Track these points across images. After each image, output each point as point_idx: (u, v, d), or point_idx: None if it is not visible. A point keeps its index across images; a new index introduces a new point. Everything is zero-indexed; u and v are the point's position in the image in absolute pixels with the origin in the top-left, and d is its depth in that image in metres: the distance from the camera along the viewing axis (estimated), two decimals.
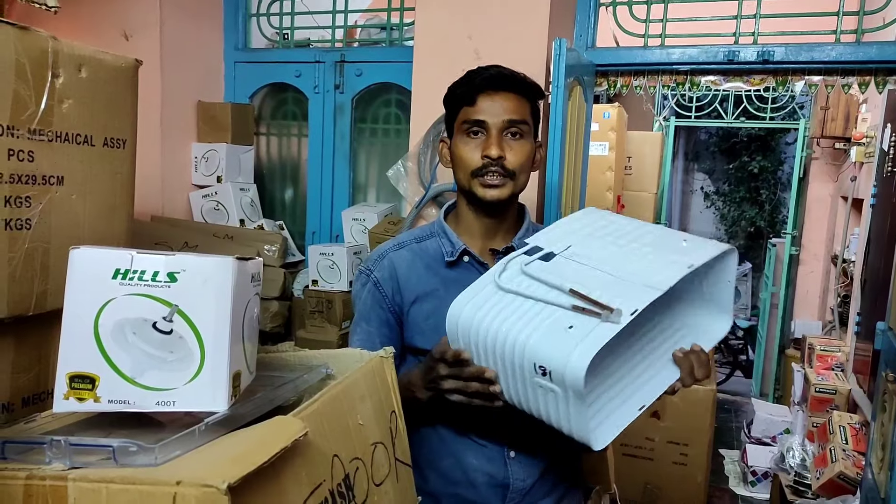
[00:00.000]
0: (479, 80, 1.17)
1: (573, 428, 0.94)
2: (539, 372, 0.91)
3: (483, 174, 1.17)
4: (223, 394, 0.71)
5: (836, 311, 4.34)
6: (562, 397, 0.91)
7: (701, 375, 1.04)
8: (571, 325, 0.91)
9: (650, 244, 1.05)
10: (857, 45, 2.22)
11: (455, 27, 2.31)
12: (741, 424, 4.52)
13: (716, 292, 1.11)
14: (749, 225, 9.26)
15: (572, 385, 0.88)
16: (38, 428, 0.73)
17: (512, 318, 0.97)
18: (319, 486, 0.72)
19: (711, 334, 1.11)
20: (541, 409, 0.97)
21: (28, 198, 0.78)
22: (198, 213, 2.91)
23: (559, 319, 0.93)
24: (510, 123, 1.17)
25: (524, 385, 0.96)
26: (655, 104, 5.77)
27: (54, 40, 0.80)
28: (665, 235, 1.09)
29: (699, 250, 1.03)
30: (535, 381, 0.93)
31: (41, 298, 0.81)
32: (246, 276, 0.76)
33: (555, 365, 0.89)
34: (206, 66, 2.97)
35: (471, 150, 1.18)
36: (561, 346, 0.89)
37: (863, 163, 3.93)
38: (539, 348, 0.91)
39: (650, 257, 1.01)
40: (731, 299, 1.11)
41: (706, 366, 1.05)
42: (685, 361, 1.04)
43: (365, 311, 1.25)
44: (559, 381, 0.89)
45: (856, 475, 2.74)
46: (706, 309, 1.12)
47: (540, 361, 0.91)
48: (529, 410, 1.00)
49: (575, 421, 0.93)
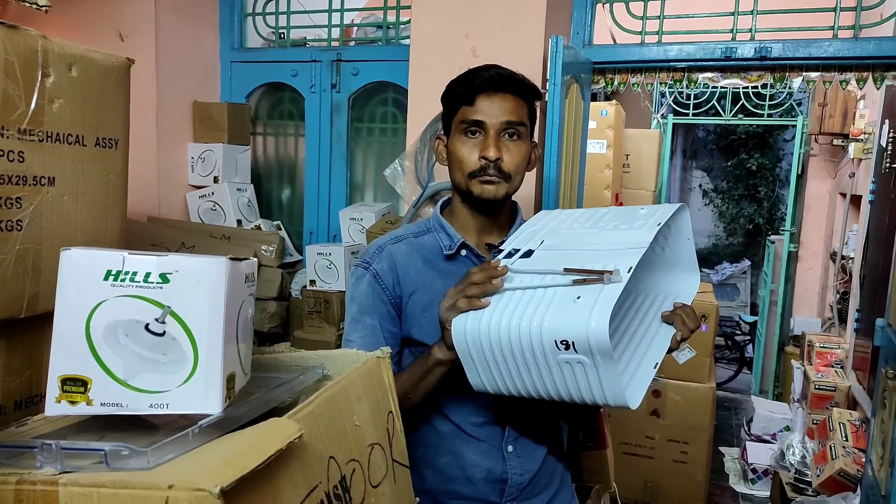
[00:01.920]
0: (479, 81, 1.18)
1: (607, 394, 0.96)
2: (562, 347, 0.93)
3: (480, 175, 1.19)
4: (217, 396, 0.70)
5: (836, 308, 4.34)
6: (590, 366, 0.93)
7: (693, 325, 1.10)
8: (579, 295, 0.95)
9: (613, 219, 1.13)
10: (855, 40, 2.21)
11: (451, 25, 2.30)
12: (741, 422, 4.52)
13: (679, 253, 1.20)
14: (747, 222, 9.27)
15: (598, 347, 0.90)
16: (29, 432, 0.72)
17: (519, 309, 0.99)
18: (315, 489, 0.71)
19: (686, 292, 1.20)
20: (570, 388, 0.98)
21: (19, 199, 0.77)
22: (194, 213, 2.90)
23: (565, 295, 0.96)
24: (508, 125, 1.18)
25: (549, 369, 0.97)
26: (653, 102, 5.76)
27: (44, 39, 0.79)
28: (622, 210, 1.17)
29: (658, 212, 1.11)
30: (561, 358, 0.95)
31: (33, 300, 0.80)
32: (239, 277, 0.75)
33: (577, 335, 0.91)
34: (201, 65, 2.96)
35: (468, 149, 1.19)
36: (577, 316, 0.92)
37: (861, 159, 3.93)
38: (556, 325, 0.94)
39: (620, 228, 1.09)
40: (693, 256, 1.20)
41: (694, 316, 1.11)
42: (675, 317, 1.11)
43: (367, 305, 1.23)
44: (584, 349, 0.92)
45: (856, 472, 2.74)
46: (674, 272, 1.21)
47: (561, 336, 0.93)
48: (559, 396, 1.01)
49: (608, 385, 0.95)
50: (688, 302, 1.16)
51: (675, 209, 1.12)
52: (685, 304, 1.14)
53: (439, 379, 1.14)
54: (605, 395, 0.96)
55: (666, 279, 1.22)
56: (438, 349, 1.12)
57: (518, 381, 1.02)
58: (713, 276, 8.15)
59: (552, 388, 1.00)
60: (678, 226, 1.18)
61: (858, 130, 3.91)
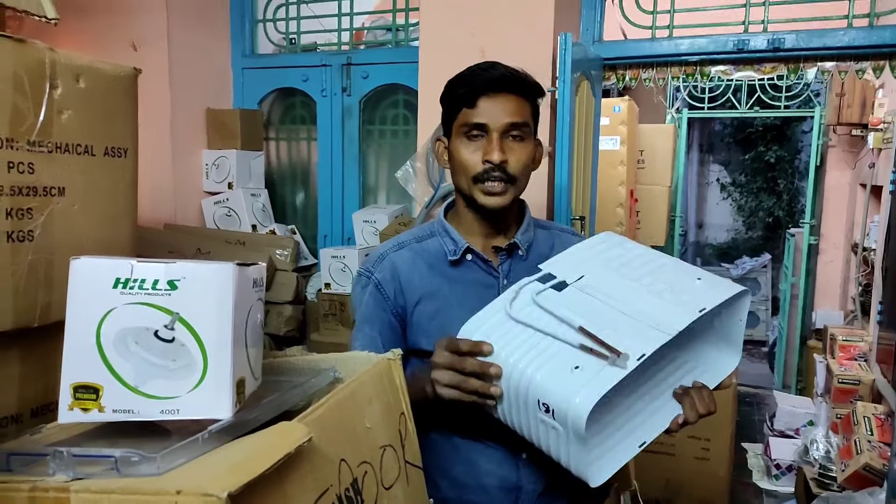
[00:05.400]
0: (480, 81, 1.14)
1: (572, 464, 0.96)
2: (543, 409, 0.93)
3: (484, 180, 1.15)
4: (227, 400, 0.71)
5: (858, 301, 4.27)
6: (563, 435, 0.93)
7: (703, 410, 1.03)
8: (578, 364, 0.92)
9: (664, 278, 1.05)
10: (871, 29, 2.18)
11: (459, 25, 2.30)
12: (763, 417, 4.46)
13: (727, 329, 1.10)
14: (767, 215, 9.15)
15: (574, 427, 0.89)
16: (43, 439, 0.73)
17: (520, 350, 0.97)
18: (326, 492, 0.71)
19: (719, 369, 1.11)
20: (542, 440, 0.98)
21: (30, 209, 0.79)
22: (210, 219, 2.93)
23: (567, 358, 0.93)
24: (511, 126, 1.14)
25: (527, 417, 0.97)
26: (667, 96, 5.71)
27: (51, 51, 0.80)
28: (680, 270, 1.08)
29: (712, 291, 1.02)
30: (539, 416, 0.94)
31: (45, 310, 0.82)
32: (247, 282, 0.75)
33: (558, 405, 0.90)
34: (214, 73, 2.99)
35: (471, 153, 1.15)
36: (566, 388, 0.90)
37: (881, 149, 3.86)
38: (544, 386, 0.92)
39: (663, 296, 1.01)
40: (741, 337, 1.10)
41: (706, 401, 1.04)
42: (685, 399, 1.04)
43: (368, 315, 1.21)
44: (562, 420, 0.91)
45: (882, 467, 2.69)
46: (716, 344, 1.12)
47: (544, 399, 0.92)
48: (530, 438, 1.00)
49: (574, 459, 0.95)
50: (714, 382, 1.08)
51: (730, 295, 1.03)
52: (705, 386, 1.06)
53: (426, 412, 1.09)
54: (570, 464, 0.96)
55: (704, 348, 1.13)
56: (433, 392, 1.06)
57: (505, 414, 1.02)
58: (733, 271, 8.06)
59: (526, 430, 1.00)
60: (735, 307, 1.08)
61: (878, 120, 3.85)
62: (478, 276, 1.20)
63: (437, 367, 1.03)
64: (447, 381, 1.02)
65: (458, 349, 1.01)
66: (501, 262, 1.23)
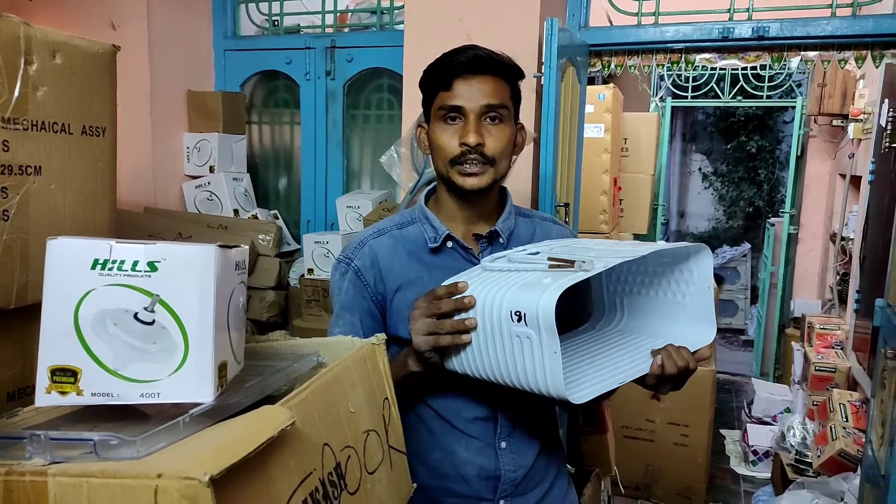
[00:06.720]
0: (455, 64, 1.12)
1: (549, 383, 0.94)
2: (515, 318, 0.95)
3: (462, 162, 1.13)
4: (209, 384, 0.70)
5: (836, 290, 4.33)
6: (536, 342, 0.93)
7: (682, 363, 1.04)
8: (547, 278, 0.97)
9: (626, 244, 1.14)
10: (854, 18, 2.19)
11: (445, 9, 2.28)
12: (741, 404, 4.53)
13: (698, 303, 1.14)
14: (747, 205, 9.23)
15: (544, 321, 0.91)
16: (20, 423, 0.71)
17: (496, 283, 1.02)
18: (309, 476, 0.71)
19: (697, 342, 1.13)
20: (518, 368, 0.98)
21: (4, 189, 0.76)
22: (191, 203, 2.89)
23: (537, 277, 0.99)
24: (489, 108, 1.12)
25: (502, 342, 0.98)
26: (651, 85, 5.72)
27: (26, 26, 0.78)
28: (637, 242, 1.18)
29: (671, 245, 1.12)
30: (512, 330, 0.96)
31: (22, 291, 0.80)
32: (229, 264, 0.74)
33: (529, 307, 0.93)
34: (195, 54, 2.94)
35: (448, 136, 1.13)
36: (535, 291, 0.94)
37: (860, 139, 3.91)
38: (516, 297, 0.96)
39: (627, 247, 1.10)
40: (712, 305, 1.14)
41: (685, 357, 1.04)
42: (663, 351, 1.05)
43: (347, 302, 1.20)
44: (532, 322, 0.93)
45: (856, 452, 2.74)
46: (691, 321, 1.16)
47: (515, 307, 0.95)
48: (504, 378, 1.01)
49: (551, 375, 0.94)
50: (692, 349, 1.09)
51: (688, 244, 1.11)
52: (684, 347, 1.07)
53: (420, 383, 1.13)
54: (548, 382, 0.95)
55: (682, 328, 1.16)
56: (414, 363, 1.09)
57: (480, 360, 1.03)
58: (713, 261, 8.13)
59: (505, 369, 1.00)
60: (701, 271, 1.13)
61: (858, 110, 3.88)
62: (458, 264, 1.19)
63: (414, 319, 1.06)
64: (425, 330, 1.04)
65: (435, 294, 1.05)
66: (482, 249, 1.22)
